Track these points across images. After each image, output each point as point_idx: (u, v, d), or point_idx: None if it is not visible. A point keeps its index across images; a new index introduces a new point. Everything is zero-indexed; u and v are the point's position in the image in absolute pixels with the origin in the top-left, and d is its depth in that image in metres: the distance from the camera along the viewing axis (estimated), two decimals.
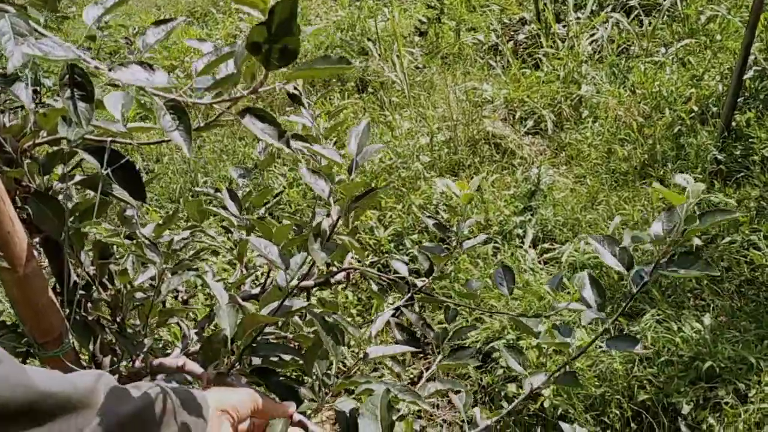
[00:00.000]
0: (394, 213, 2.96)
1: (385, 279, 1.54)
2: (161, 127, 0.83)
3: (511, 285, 1.35)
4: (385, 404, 1.01)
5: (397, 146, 3.37)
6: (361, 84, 4.30)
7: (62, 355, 1.05)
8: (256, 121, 0.79)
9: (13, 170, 0.99)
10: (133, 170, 1.06)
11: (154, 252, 1.15)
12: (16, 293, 0.98)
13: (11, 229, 0.94)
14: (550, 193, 2.93)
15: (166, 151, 4.14)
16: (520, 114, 3.62)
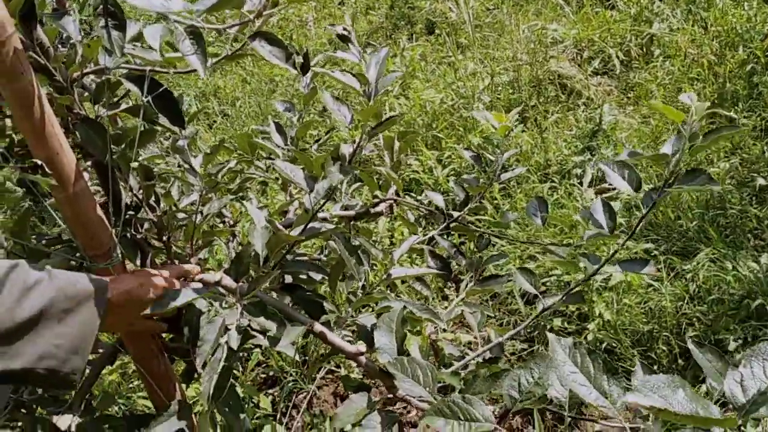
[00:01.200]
0: (454, 153, 2.99)
1: (422, 209, 1.59)
2: (182, 51, 0.89)
3: (544, 215, 1.38)
4: (400, 319, 1.08)
5: (459, 88, 3.37)
6: (430, 25, 4.28)
7: (111, 268, 1.15)
8: (265, 44, 0.85)
9: (64, 97, 1.08)
10: (171, 99, 1.15)
11: (194, 176, 1.24)
12: (66, 210, 1.08)
13: (60, 150, 1.04)
14: (612, 133, 2.89)
15: (240, 95, 4.27)
16: (588, 54, 3.54)
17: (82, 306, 0.94)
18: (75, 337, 0.92)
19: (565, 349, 0.80)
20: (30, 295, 0.88)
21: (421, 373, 0.96)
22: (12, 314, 0.85)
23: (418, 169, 2.95)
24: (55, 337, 0.90)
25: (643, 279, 2.16)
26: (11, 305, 0.86)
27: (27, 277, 0.89)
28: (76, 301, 0.93)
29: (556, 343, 0.80)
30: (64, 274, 0.94)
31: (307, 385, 2.28)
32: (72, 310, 0.92)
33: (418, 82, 3.67)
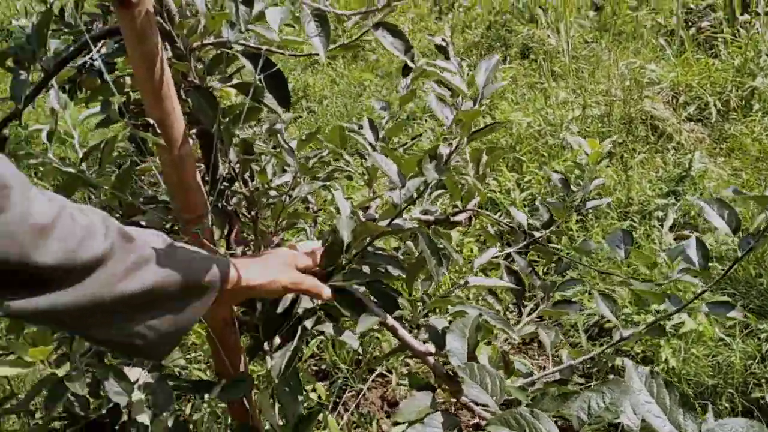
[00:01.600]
0: (534, 178, 2.96)
1: (503, 224, 1.59)
2: (306, 34, 0.92)
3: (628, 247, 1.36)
4: (474, 326, 1.08)
5: (548, 114, 3.35)
6: (525, 50, 4.27)
7: (201, 233, 1.19)
8: (387, 34, 0.87)
9: (181, 63, 1.13)
10: (282, 79, 1.18)
11: (292, 158, 1.27)
12: (169, 171, 1.12)
13: (172, 113, 1.08)
14: (700, 181, 2.81)
15: (329, 95, 4.34)
16: (684, 99, 3.46)
17: (193, 297, 0.87)
18: (173, 325, 0.87)
19: (641, 377, 0.79)
20: (142, 270, 0.82)
21: (490, 381, 0.95)
22: (113, 288, 0.79)
23: (495, 188, 2.94)
24: (154, 320, 0.85)
25: (715, 332, 2.09)
26: (120, 275, 0.79)
27: (144, 247, 0.83)
28: (189, 291, 0.86)
29: (633, 369, 0.79)
30: (188, 253, 0.89)
31: (357, 384, 2.29)
32: (182, 300, 0.86)
33: (506, 104, 3.66)
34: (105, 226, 0.80)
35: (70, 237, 0.76)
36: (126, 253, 0.81)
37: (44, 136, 1.30)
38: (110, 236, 0.80)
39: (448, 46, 1.30)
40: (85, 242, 0.77)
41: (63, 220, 0.76)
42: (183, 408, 2.16)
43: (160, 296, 0.84)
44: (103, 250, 0.78)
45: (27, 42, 1.12)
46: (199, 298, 0.88)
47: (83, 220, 0.79)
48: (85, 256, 0.77)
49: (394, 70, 4.43)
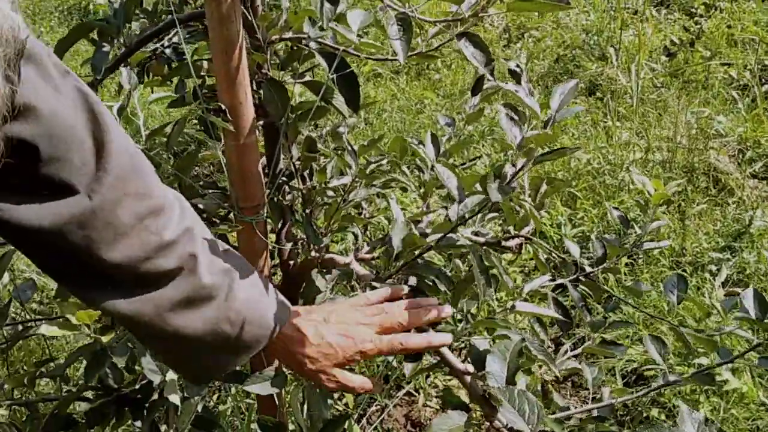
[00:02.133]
0: (587, 215, 2.92)
1: (555, 255, 1.56)
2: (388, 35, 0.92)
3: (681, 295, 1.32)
4: (516, 351, 1.06)
5: (609, 153, 3.30)
6: (592, 87, 4.23)
7: (255, 224, 1.20)
8: (469, 45, 0.87)
9: (258, 54, 1.14)
10: (354, 81, 1.18)
11: (354, 160, 1.27)
12: (233, 158, 1.14)
13: (243, 101, 1.09)
14: (759, 240, 2.73)
15: (388, 109, 4.36)
16: (750, 155, 3.38)
17: (237, 353, 0.85)
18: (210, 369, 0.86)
19: (695, 423, 0.76)
20: (195, 310, 0.79)
21: (528, 408, 0.93)
22: (159, 314, 0.77)
23: (546, 221, 2.90)
24: (186, 360, 0.84)
25: (758, 395, 2.02)
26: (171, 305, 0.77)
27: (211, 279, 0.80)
28: (235, 347, 0.83)
29: (688, 414, 0.76)
30: (245, 301, 0.83)
31: (383, 399, 2.27)
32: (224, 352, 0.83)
33: (567, 139, 3.62)
34: (183, 247, 0.77)
35: (144, 247, 0.74)
36: (186, 283, 0.78)
37: (115, 111, 1.32)
38: (183, 260, 0.77)
39: (522, 73, 1.29)
40: (155, 258, 0.75)
41: (146, 224, 0.74)
42: (210, 399, 2.17)
43: (197, 342, 0.80)
44: (166, 271, 0.76)
45: (114, 16, 1.15)
46: (241, 354, 0.86)
47: (168, 234, 0.76)
48: (146, 271, 0.75)
49: (457, 92, 4.43)
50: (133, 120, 1.50)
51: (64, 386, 1.31)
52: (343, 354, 0.91)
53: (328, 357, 0.91)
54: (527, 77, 1.31)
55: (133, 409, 1.23)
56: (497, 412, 1.00)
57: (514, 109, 1.16)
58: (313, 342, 0.90)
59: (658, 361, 1.02)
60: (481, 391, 1.04)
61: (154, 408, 1.22)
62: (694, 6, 5.16)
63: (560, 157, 1.07)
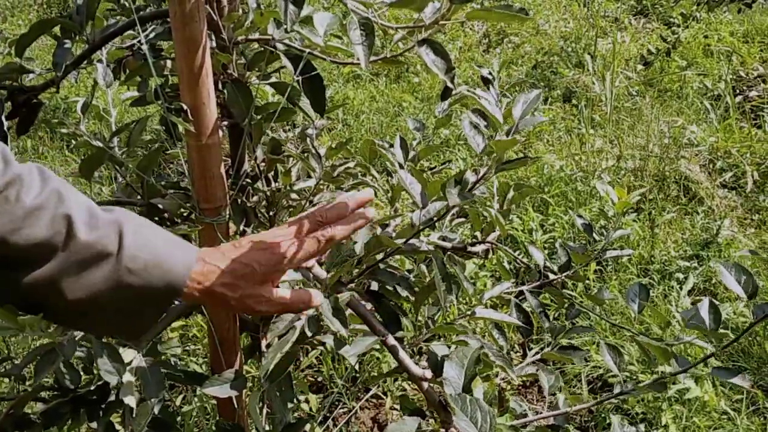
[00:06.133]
0: (558, 222, 2.94)
1: (520, 262, 1.57)
2: (350, 40, 0.92)
3: (643, 303, 1.33)
4: (474, 357, 1.06)
5: (582, 160, 3.32)
6: (568, 94, 4.26)
7: (216, 225, 1.19)
8: (430, 51, 0.86)
9: (223, 55, 1.13)
10: (320, 85, 1.18)
11: (318, 163, 1.27)
12: (194, 158, 1.13)
13: (206, 101, 1.08)
14: (726, 249, 2.77)
15: (366, 111, 4.36)
16: (721, 165, 3.42)
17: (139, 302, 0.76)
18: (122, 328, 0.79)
19: None
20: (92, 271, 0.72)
21: (481, 416, 0.93)
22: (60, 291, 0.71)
23: (518, 227, 2.92)
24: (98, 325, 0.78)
25: (720, 404, 2.04)
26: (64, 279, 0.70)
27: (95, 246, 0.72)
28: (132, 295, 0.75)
29: (619, 428, 0.77)
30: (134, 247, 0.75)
31: (351, 402, 2.27)
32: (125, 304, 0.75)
33: (541, 145, 3.64)
34: (54, 210, 0.71)
35: (7, 218, 0.68)
36: (69, 251, 0.71)
37: (79, 107, 1.30)
38: (56, 225, 0.71)
39: (493, 81, 1.29)
40: (23, 228, 0.68)
41: (6, 195, 0.68)
42: (174, 399, 2.15)
43: (106, 305, 0.74)
44: (41, 240, 0.70)
45: (76, 12, 1.13)
46: (161, 303, 0.78)
47: (31, 200, 0.70)
48: (19, 244, 0.68)
49: (435, 95, 4.44)
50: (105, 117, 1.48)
51: (21, 386, 1.29)
52: (262, 268, 0.82)
53: (245, 277, 0.81)
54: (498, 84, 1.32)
55: (89, 410, 1.21)
56: (452, 419, 1.00)
57: (484, 115, 1.16)
58: (223, 267, 0.81)
59: (614, 370, 1.03)
60: (438, 397, 1.04)
61: (110, 409, 1.20)
62: (672, 15, 5.21)
63: (522, 165, 1.07)
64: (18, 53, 1.08)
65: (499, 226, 1.43)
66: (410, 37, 0.98)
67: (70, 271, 0.71)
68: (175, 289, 0.77)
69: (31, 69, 1.16)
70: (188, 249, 0.81)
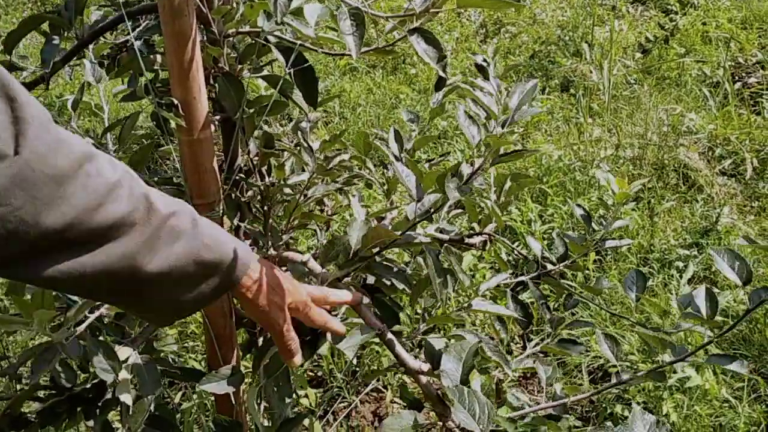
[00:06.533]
0: (557, 212, 2.93)
1: (517, 253, 1.56)
2: (340, 30, 0.91)
3: (640, 292, 1.32)
4: (472, 351, 1.05)
5: (580, 150, 3.31)
6: (566, 83, 4.24)
7: None
8: (421, 40, 0.85)
9: (214, 48, 1.12)
10: (312, 77, 1.17)
11: (310, 157, 1.25)
12: (187, 153, 1.12)
13: (197, 95, 1.07)
14: (726, 237, 2.76)
15: (363, 103, 4.34)
16: (720, 152, 3.41)
17: (207, 276, 0.80)
18: (182, 304, 0.80)
19: (646, 424, 0.76)
20: (167, 247, 0.74)
21: (479, 408, 0.92)
22: (131, 263, 0.72)
23: (517, 217, 2.91)
24: (163, 297, 0.79)
25: (721, 392, 2.04)
26: (139, 252, 0.72)
27: (172, 219, 0.76)
28: (203, 268, 0.79)
29: (639, 415, 0.76)
30: (208, 228, 0.81)
31: (351, 395, 2.26)
32: (195, 276, 0.79)
33: (539, 135, 3.63)
34: (130, 187, 0.72)
35: (91, 193, 0.67)
36: (150, 225, 0.73)
37: (70, 104, 1.29)
38: (134, 200, 0.72)
39: (488, 66, 1.28)
40: (107, 203, 0.68)
41: (87, 169, 0.67)
42: (173, 396, 2.14)
43: (179, 278, 0.77)
44: (123, 216, 0.70)
45: (65, 8, 1.12)
46: (212, 280, 0.81)
47: (110, 174, 0.70)
48: (101, 220, 0.68)
49: (432, 86, 4.42)
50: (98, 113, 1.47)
51: (17, 385, 1.28)
52: (297, 294, 0.96)
53: (289, 293, 0.94)
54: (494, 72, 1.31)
55: (86, 408, 1.21)
56: (450, 412, 0.99)
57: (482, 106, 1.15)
58: (278, 273, 0.93)
59: (612, 360, 1.02)
60: (435, 390, 1.03)
61: (107, 407, 1.20)
62: (670, 3, 5.19)
63: (518, 158, 1.06)
64: (7, 50, 1.07)
65: (496, 217, 1.42)
66: (402, 27, 0.96)
67: (152, 244, 0.73)
68: (239, 271, 0.84)
69: (22, 66, 1.15)
70: (245, 244, 0.88)
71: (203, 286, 0.80)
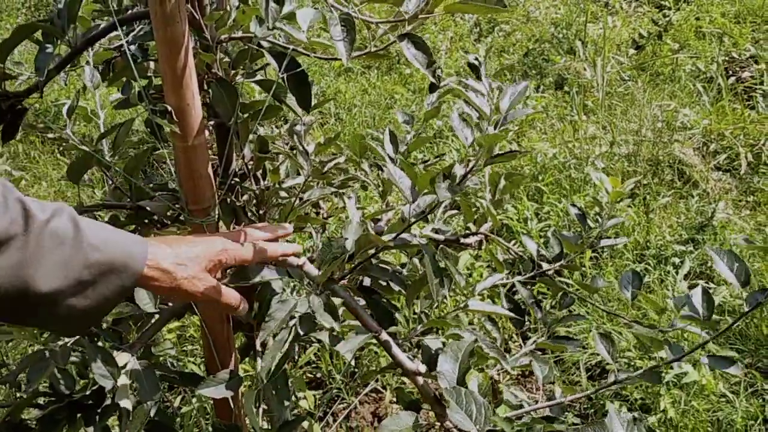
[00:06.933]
0: (553, 210, 2.94)
1: (513, 252, 1.56)
2: (331, 36, 0.91)
3: (635, 291, 1.33)
4: (468, 351, 1.06)
5: (575, 147, 3.32)
6: (560, 81, 4.25)
7: (205, 226, 1.18)
8: (411, 46, 0.86)
9: (207, 54, 1.13)
10: (305, 81, 1.17)
11: (305, 160, 1.26)
12: (181, 160, 1.12)
13: (191, 102, 1.08)
14: (721, 232, 2.77)
15: (358, 104, 4.35)
16: (714, 147, 3.42)
17: (104, 278, 0.77)
18: (84, 312, 0.77)
19: (623, 422, 0.76)
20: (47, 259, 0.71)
21: (476, 409, 0.93)
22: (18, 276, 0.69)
23: (513, 216, 2.91)
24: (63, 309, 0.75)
25: (718, 387, 2.05)
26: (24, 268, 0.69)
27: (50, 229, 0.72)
28: (97, 272, 0.76)
29: (615, 414, 0.77)
30: (92, 229, 0.77)
31: (350, 396, 2.27)
32: (92, 282, 0.76)
33: (534, 133, 3.64)
34: (3, 196, 0.70)
35: None
36: (30, 233, 0.70)
37: (65, 111, 1.30)
38: (10, 211, 0.69)
39: (480, 66, 1.28)
40: None
41: None
42: (173, 399, 2.15)
43: (74, 287, 0.74)
44: (2, 230, 0.68)
45: (57, 16, 1.12)
46: (112, 280, 0.78)
47: None
48: None
49: (427, 86, 4.42)
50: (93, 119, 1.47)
51: (17, 392, 1.29)
52: (207, 253, 0.94)
53: (192, 260, 0.91)
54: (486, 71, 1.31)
55: (86, 414, 1.21)
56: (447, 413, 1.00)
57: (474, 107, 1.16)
58: (175, 250, 0.89)
59: (607, 359, 1.03)
60: (433, 391, 1.04)
61: (107, 413, 1.20)
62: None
63: (512, 159, 1.07)
64: (1, 59, 1.07)
65: (491, 216, 1.43)
66: (392, 32, 0.97)
67: (36, 254, 0.70)
68: (136, 264, 0.80)
69: (15, 74, 1.15)
70: (135, 235, 0.85)
71: (103, 290, 0.77)
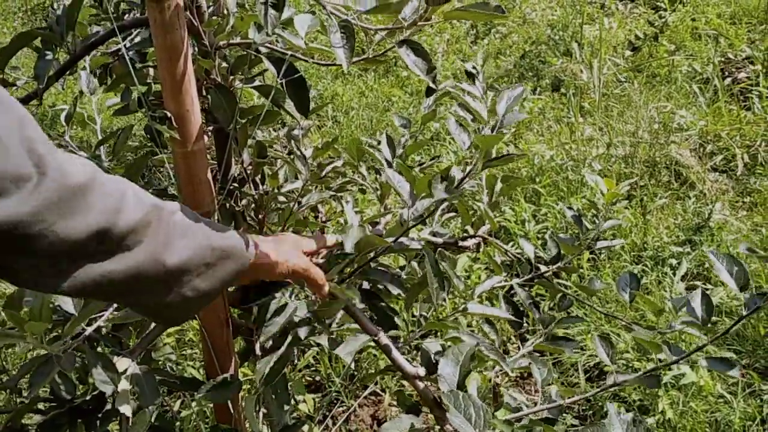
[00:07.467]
0: (551, 212, 2.95)
1: (511, 254, 1.57)
2: (330, 43, 0.92)
3: (633, 292, 1.34)
4: (469, 354, 1.06)
5: (572, 149, 3.33)
6: (557, 83, 4.26)
7: None
8: (410, 53, 0.87)
9: (206, 60, 1.13)
10: (303, 86, 1.18)
11: (303, 165, 1.27)
12: (181, 165, 1.13)
13: (190, 108, 1.08)
14: (718, 233, 2.78)
15: (355, 107, 4.35)
16: (711, 148, 3.43)
17: (224, 262, 0.87)
18: (205, 293, 0.86)
19: (623, 423, 0.77)
20: (180, 240, 0.81)
21: (475, 412, 0.93)
22: (157, 259, 0.78)
23: (510, 218, 2.92)
24: (186, 287, 0.84)
25: (716, 388, 2.06)
26: (159, 249, 0.78)
27: (175, 219, 0.82)
28: (218, 256, 0.86)
29: (615, 415, 0.77)
30: (212, 223, 0.89)
31: (350, 400, 2.27)
32: (213, 265, 0.86)
33: (531, 135, 3.65)
34: (134, 194, 0.78)
35: (110, 200, 0.73)
36: (162, 222, 0.79)
37: (63, 117, 1.30)
38: (143, 202, 0.78)
39: (477, 75, 1.29)
40: (124, 207, 0.74)
41: (99, 178, 0.73)
42: (172, 404, 2.15)
43: (198, 265, 0.84)
44: (141, 217, 0.76)
45: (56, 23, 1.13)
46: (229, 264, 0.89)
47: (114, 182, 0.76)
48: (123, 225, 0.74)
49: (424, 89, 4.43)
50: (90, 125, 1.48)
51: (17, 398, 1.29)
52: (293, 242, 1.07)
53: (288, 244, 1.04)
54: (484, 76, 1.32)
55: (87, 420, 1.21)
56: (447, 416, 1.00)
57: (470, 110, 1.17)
58: (271, 239, 1.03)
59: (606, 361, 1.03)
60: (432, 394, 1.05)
61: (108, 418, 1.21)
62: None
63: (508, 162, 1.07)
64: (1, 67, 1.08)
65: (489, 219, 1.43)
66: (390, 38, 0.98)
67: (168, 240, 0.79)
68: (249, 250, 0.92)
69: (13, 82, 1.16)
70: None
71: (221, 273, 0.87)
